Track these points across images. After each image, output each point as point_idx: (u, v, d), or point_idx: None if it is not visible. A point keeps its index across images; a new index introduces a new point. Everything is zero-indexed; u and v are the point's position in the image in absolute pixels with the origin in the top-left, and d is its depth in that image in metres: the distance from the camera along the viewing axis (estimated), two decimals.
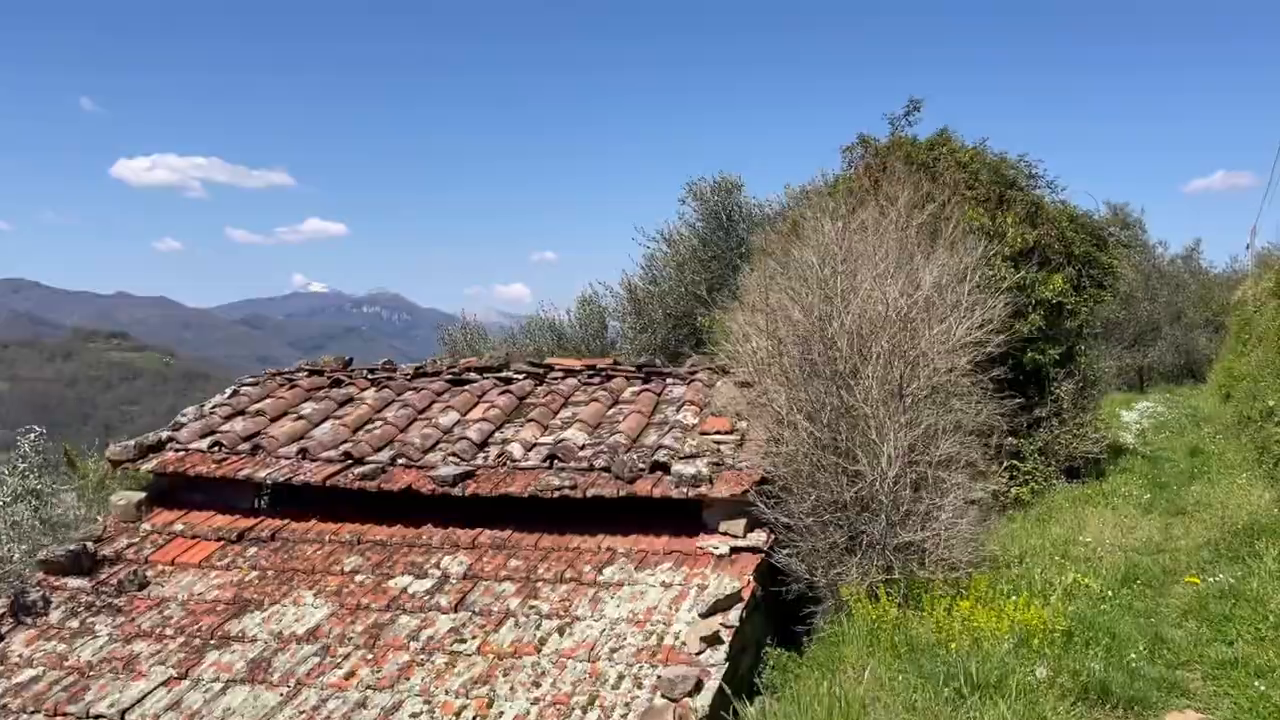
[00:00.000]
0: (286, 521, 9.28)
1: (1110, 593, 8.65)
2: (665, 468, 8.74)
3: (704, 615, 7.21)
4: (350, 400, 10.98)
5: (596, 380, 11.26)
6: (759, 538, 8.42)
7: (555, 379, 11.40)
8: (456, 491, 8.72)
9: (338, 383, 11.45)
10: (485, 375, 11.39)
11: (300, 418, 10.25)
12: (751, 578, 7.89)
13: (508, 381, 11.31)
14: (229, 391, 11.09)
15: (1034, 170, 15.22)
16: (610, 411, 10.39)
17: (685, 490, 8.47)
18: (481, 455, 9.40)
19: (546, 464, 9.07)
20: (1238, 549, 10.00)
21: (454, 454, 9.28)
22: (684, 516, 8.72)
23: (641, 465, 8.80)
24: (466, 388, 11.16)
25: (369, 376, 11.55)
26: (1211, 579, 9.00)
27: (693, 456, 8.85)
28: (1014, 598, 7.41)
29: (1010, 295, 14.35)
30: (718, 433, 9.29)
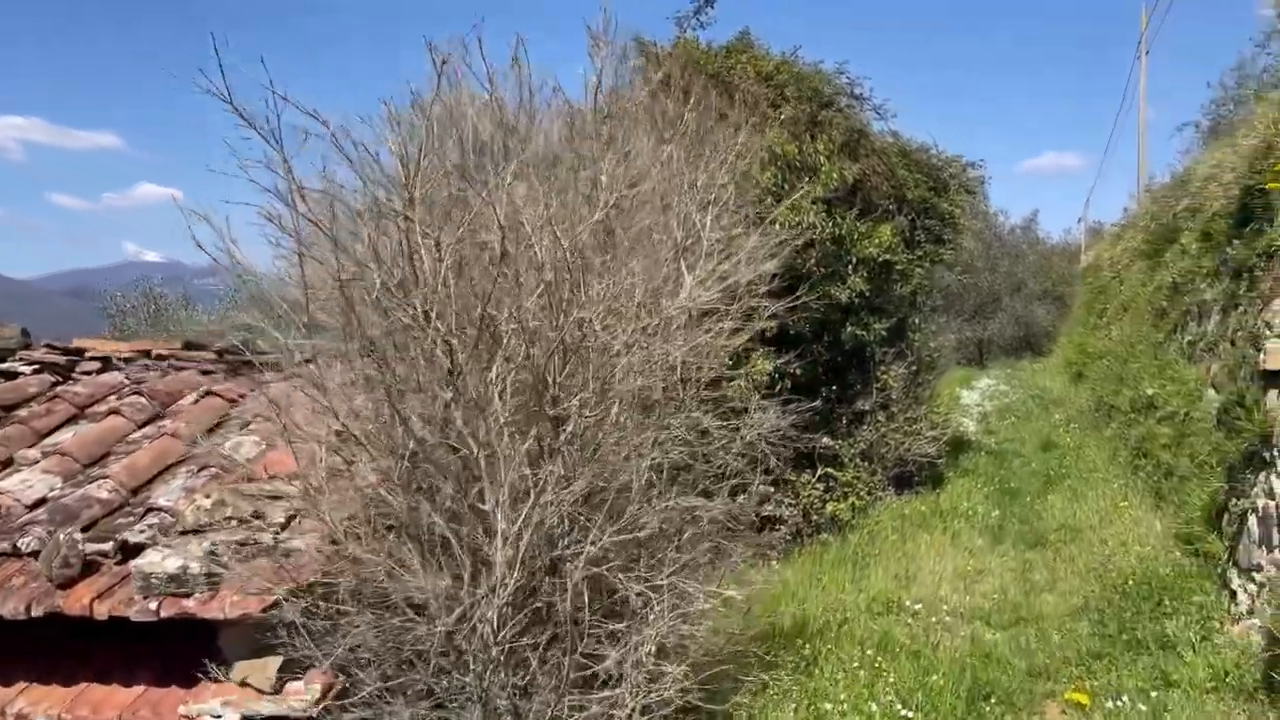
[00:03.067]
0: None
1: None
2: (137, 554, 4.55)
3: None
4: None
5: (155, 374, 6.90)
6: (305, 696, 4.33)
7: (89, 372, 6.98)
8: None
9: None
10: None
11: None
12: None
13: (7, 377, 6.80)
14: None
15: (857, 90, 11.58)
16: (137, 434, 6.06)
17: (155, 605, 4.32)
18: None
19: None
20: (1135, 625, 6.59)
21: None
22: (186, 644, 4.57)
23: (87, 551, 4.57)
24: None
25: None
26: (1108, 701, 5.47)
27: (196, 532, 4.66)
28: None
29: (824, 249, 10.74)
30: (274, 479, 5.09)
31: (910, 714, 5.36)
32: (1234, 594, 6.70)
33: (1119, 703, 5.35)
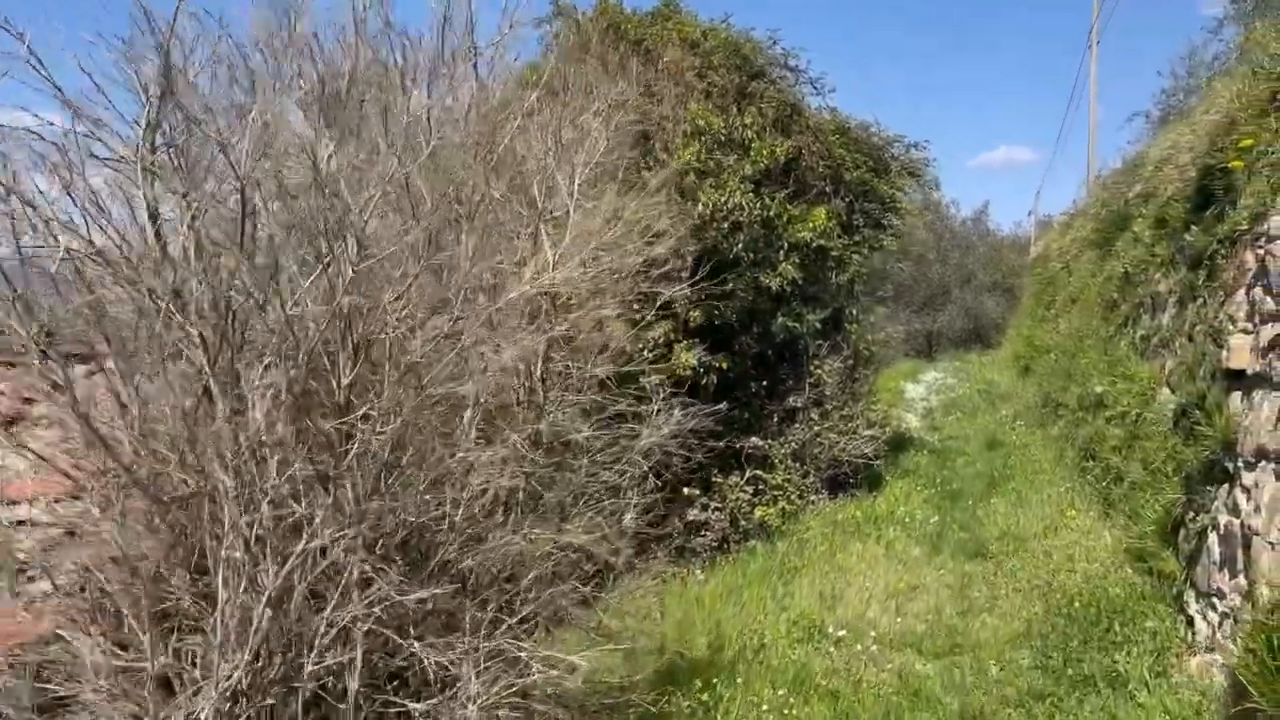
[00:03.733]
0: None
1: None
2: None
3: None
4: None
5: None
6: None
7: None
8: None
9: None
10: None
11: None
12: None
13: None
14: None
15: (792, 61, 10.69)
16: None
17: None
18: None
19: None
20: (1082, 657, 5.80)
21: None
22: None
23: None
24: None
25: None
26: None
27: None
28: None
29: (752, 233, 9.85)
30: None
31: None
32: (1191, 620, 5.94)
33: None
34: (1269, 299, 5.45)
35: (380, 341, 3.09)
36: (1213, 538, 5.88)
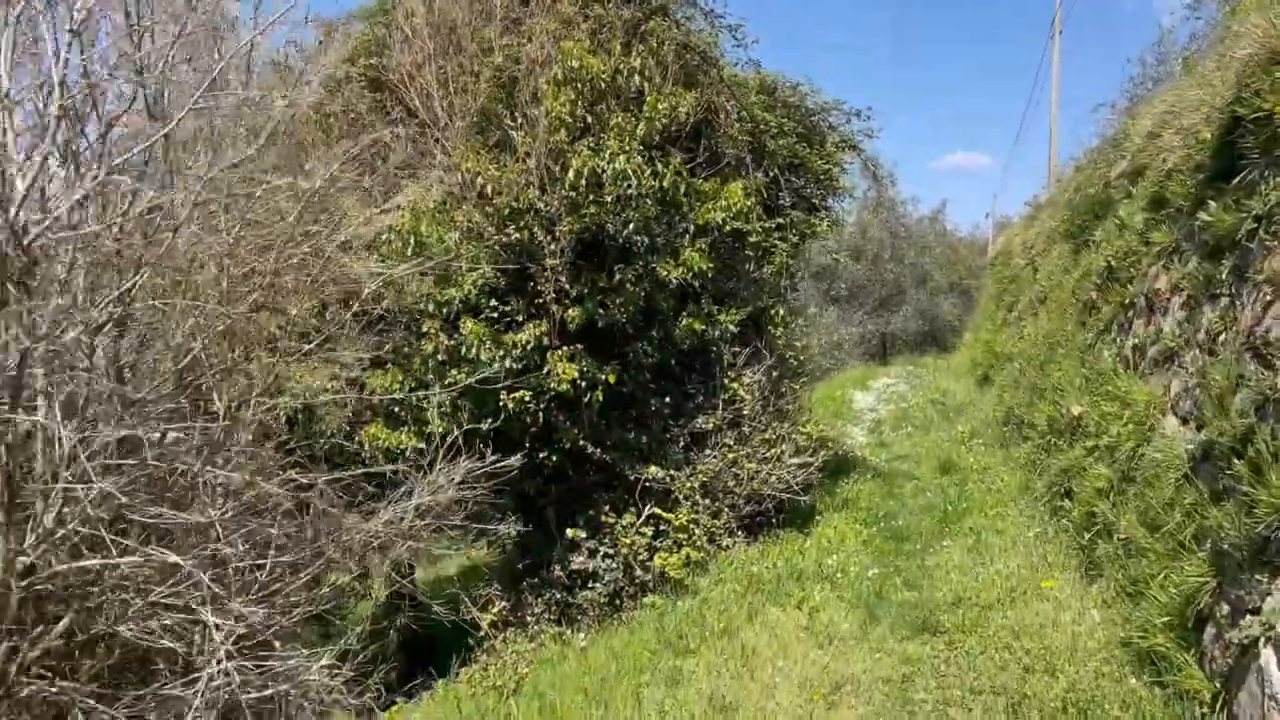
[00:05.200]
0: None
1: None
2: None
3: None
4: None
5: None
6: None
7: None
8: None
9: None
10: None
11: None
12: None
13: None
14: None
15: (703, 2, 8.60)
16: None
17: None
18: None
19: None
20: None
21: None
22: None
23: None
24: None
25: None
26: None
27: None
28: None
29: (643, 210, 7.77)
30: None
31: None
32: None
33: None
34: None
35: None
36: (1268, 656, 3.89)
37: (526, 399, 7.65)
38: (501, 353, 7.32)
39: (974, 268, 37.38)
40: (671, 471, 8.37)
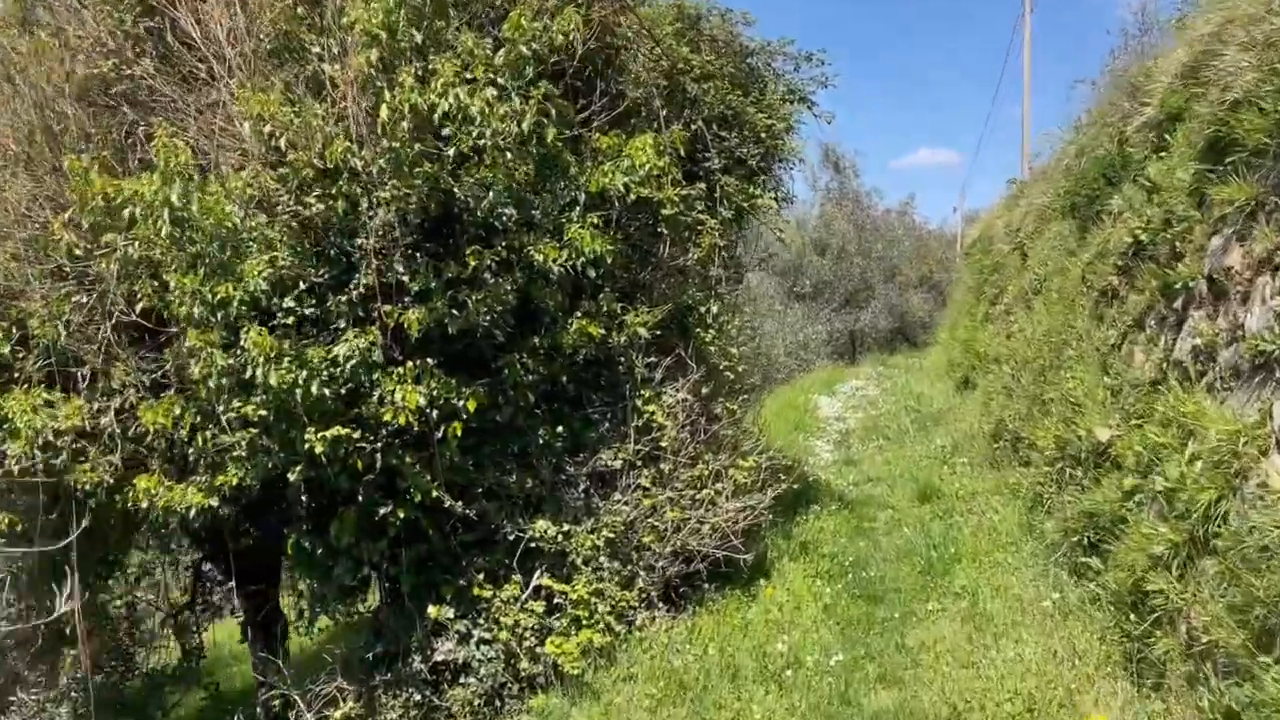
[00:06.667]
0: None
1: None
2: None
3: None
4: None
5: None
6: None
7: None
8: None
9: None
10: None
11: None
12: None
13: None
14: None
15: None
16: None
17: None
18: None
19: None
20: None
21: None
22: None
23: None
24: None
25: None
26: None
27: None
28: None
29: (504, 167, 5.58)
30: None
31: None
32: None
33: None
34: None
35: None
36: None
37: (355, 436, 5.49)
38: (305, 374, 5.13)
39: (945, 260, 35.57)
40: (567, 526, 6.23)
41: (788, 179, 7.97)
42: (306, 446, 5.26)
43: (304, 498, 6.11)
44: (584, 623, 6.23)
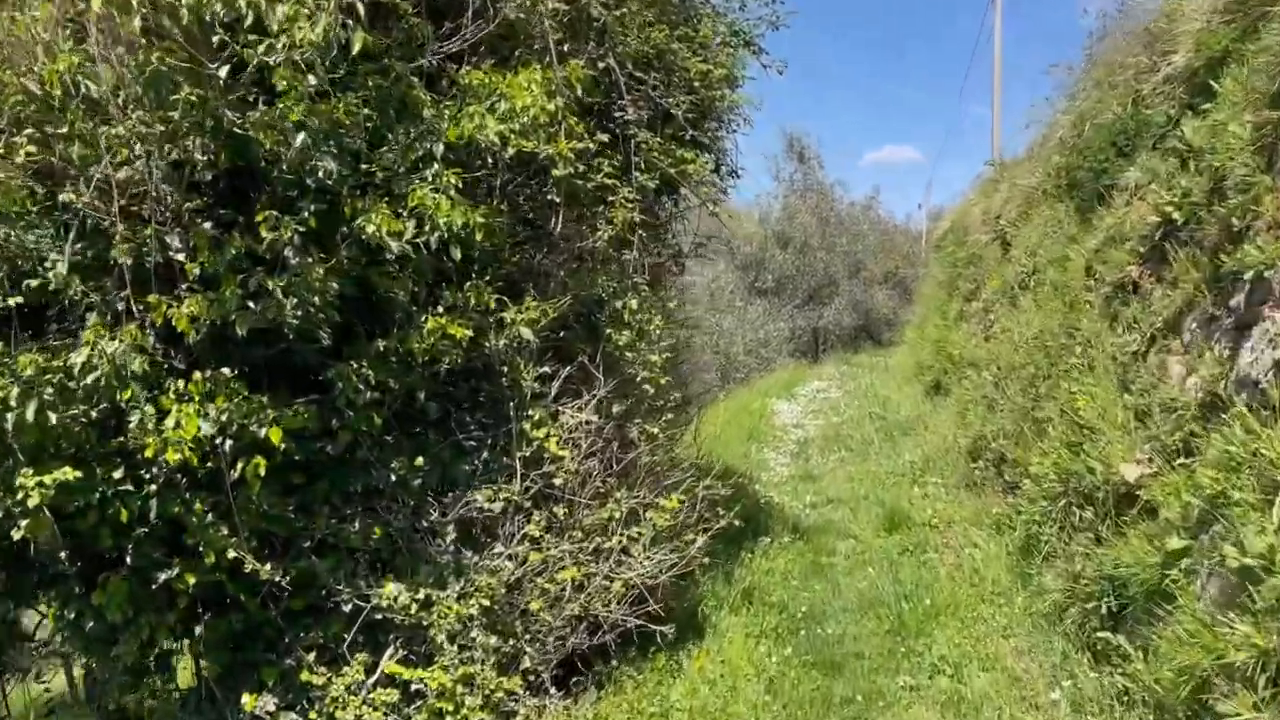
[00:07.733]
0: None
1: None
2: None
3: None
4: None
5: None
6: None
7: None
8: None
9: None
10: None
11: None
12: None
13: None
14: None
15: None
16: None
17: None
18: None
19: None
20: None
21: None
22: None
23: None
24: None
25: None
26: None
27: None
28: None
29: (318, 112, 3.94)
30: None
31: None
32: None
33: None
34: None
35: None
36: None
37: (113, 478, 3.91)
38: (16, 391, 3.53)
39: (911, 255, 34.37)
40: (426, 591, 4.67)
41: (733, 147, 6.44)
42: (19, 496, 3.66)
43: (63, 554, 4.49)
44: (448, 718, 4.69)
